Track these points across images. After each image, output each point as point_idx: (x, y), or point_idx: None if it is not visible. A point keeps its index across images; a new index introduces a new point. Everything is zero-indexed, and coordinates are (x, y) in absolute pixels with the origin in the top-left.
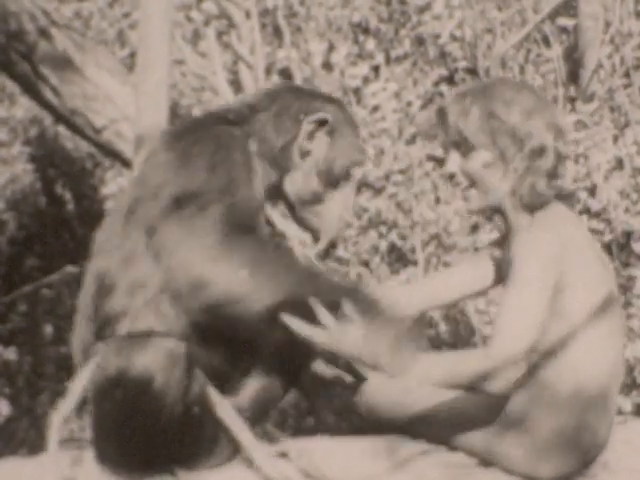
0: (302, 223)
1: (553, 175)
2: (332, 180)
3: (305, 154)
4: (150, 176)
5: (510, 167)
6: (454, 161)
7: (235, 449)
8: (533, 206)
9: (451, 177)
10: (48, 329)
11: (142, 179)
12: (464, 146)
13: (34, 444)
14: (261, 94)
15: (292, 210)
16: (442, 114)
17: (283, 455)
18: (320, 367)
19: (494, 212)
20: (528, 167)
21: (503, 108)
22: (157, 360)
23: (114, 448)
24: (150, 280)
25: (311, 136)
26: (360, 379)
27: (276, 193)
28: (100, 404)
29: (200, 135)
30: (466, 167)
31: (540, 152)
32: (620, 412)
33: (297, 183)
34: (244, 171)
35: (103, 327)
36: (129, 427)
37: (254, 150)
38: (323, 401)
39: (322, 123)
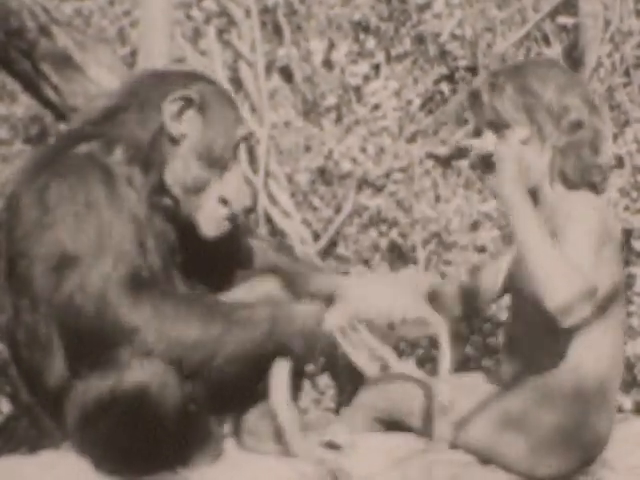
0: (189, 219)
1: (595, 150)
2: (216, 160)
3: (178, 139)
4: (13, 226)
5: (547, 143)
6: (490, 141)
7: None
8: (580, 183)
9: (485, 159)
10: None
11: (6, 227)
12: (499, 125)
13: (34, 443)
14: (121, 92)
15: (177, 206)
16: (475, 96)
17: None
18: None
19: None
20: (569, 142)
21: (538, 83)
22: (149, 370)
23: (113, 459)
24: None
25: (178, 118)
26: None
27: (160, 192)
28: (94, 425)
29: (52, 172)
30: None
31: (578, 126)
32: (620, 410)
33: (177, 172)
34: (109, 204)
35: (30, 379)
36: (129, 439)
37: (122, 159)
38: None
39: (188, 102)
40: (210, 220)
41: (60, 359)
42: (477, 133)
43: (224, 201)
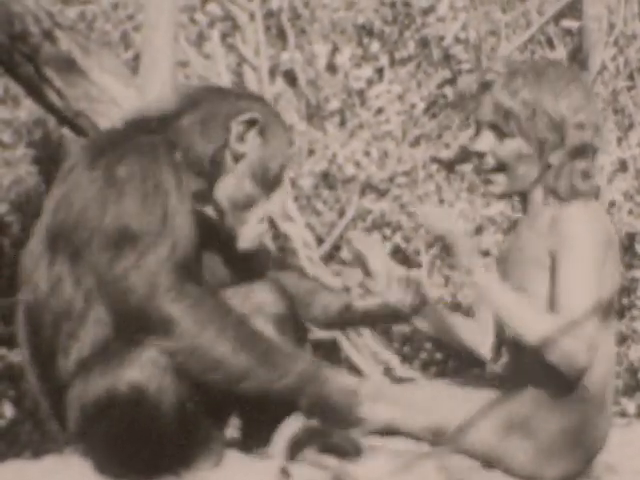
0: (232, 231)
1: (587, 175)
2: (268, 181)
3: (239, 157)
4: (73, 199)
5: (544, 159)
6: (486, 141)
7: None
8: (571, 199)
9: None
10: None
11: (64, 201)
12: (502, 129)
13: (38, 447)
14: (181, 99)
15: (221, 217)
16: (486, 88)
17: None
18: None
19: (517, 195)
20: (565, 163)
21: (552, 100)
22: (146, 370)
23: (115, 461)
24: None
25: (242, 138)
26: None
27: (202, 199)
28: (95, 426)
29: (124, 151)
30: (499, 152)
31: (580, 150)
32: (624, 414)
33: (230, 188)
34: (176, 192)
35: (44, 364)
36: (129, 440)
37: (179, 160)
38: None
39: (252, 123)
40: (250, 235)
41: (82, 344)
42: (477, 127)
43: (267, 219)
